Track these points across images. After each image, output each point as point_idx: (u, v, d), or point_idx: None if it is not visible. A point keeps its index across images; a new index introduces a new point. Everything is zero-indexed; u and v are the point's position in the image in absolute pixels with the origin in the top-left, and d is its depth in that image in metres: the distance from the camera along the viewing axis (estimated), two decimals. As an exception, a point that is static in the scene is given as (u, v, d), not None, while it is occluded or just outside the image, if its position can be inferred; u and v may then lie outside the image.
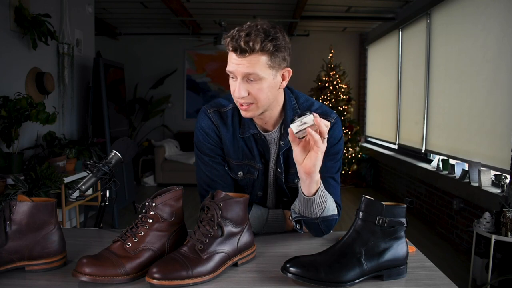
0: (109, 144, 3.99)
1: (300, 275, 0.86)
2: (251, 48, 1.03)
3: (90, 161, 1.26)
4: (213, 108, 1.24)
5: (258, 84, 1.07)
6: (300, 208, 1.11)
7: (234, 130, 1.23)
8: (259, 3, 5.21)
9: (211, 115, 1.24)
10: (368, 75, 6.73)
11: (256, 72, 1.05)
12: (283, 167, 1.22)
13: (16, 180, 2.60)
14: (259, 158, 1.24)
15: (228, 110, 1.23)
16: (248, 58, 1.04)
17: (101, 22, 5.91)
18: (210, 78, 7.04)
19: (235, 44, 1.03)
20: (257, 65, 1.04)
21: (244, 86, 1.08)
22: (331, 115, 1.21)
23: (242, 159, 1.24)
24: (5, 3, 2.91)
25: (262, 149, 1.24)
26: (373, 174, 6.00)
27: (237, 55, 1.05)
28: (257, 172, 1.25)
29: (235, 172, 1.26)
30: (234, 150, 1.24)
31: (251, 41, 1.02)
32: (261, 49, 1.03)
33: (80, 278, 0.84)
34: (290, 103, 1.21)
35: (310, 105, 1.24)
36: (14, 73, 3.10)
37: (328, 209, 1.11)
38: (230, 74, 1.10)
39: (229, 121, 1.23)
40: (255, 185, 1.27)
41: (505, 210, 2.35)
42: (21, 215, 0.92)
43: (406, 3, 4.98)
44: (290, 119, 1.18)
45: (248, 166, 1.25)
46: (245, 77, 1.07)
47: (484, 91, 3.26)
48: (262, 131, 1.23)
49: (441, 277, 0.94)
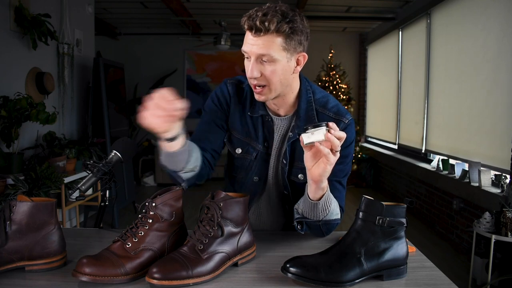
0: (109, 144, 3.99)
1: (300, 275, 0.86)
2: (266, 28, 1.01)
3: (90, 161, 1.26)
4: (232, 80, 1.26)
5: (272, 66, 1.06)
6: (304, 209, 1.10)
7: (244, 106, 1.23)
8: (259, 3, 5.19)
9: (228, 85, 1.25)
10: (368, 75, 6.73)
11: (270, 53, 1.03)
12: (288, 159, 1.20)
13: (16, 180, 2.60)
14: (262, 140, 1.22)
15: (245, 86, 1.24)
16: (263, 38, 1.03)
17: (101, 22, 5.91)
18: (210, 78, 7.04)
19: (251, 23, 1.02)
20: (271, 46, 1.03)
21: (257, 66, 1.06)
22: (345, 116, 1.18)
23: (245, 135, 1.23)
24: (5, 3, 2.91)
25: (267, 132, 1.22)
26: (373, 174, 6.00)
27: (253, 34, 1.03)
28: (256, 153, 1.23)
29: (234, 146, 1.25)
30: (241, 124, 1.23)
31: (267, 21, 1.01)
32: (276, 30, 1.02)
33: (80, 278, 0.84)
34: (306, 95, 1.19)
35: (326, 102, 1.20)
36: (14, 73, 3.10)
37: (331, 213, 1.09)
38: (245, 54, 1.08)
39: (243, 96, 1.23)
40: (252, 167, 1.24)
41: (505, 210, 2.35)
42: (21, 215, 0.92)
43: (406, 3, 4.98)
44: (303, 111, 1.18)
45: (248, 146, 1.23)
46: (259, 58, 1.05)
47: (484, 91, 3.26)
48: (272, 114, 1.22)
49: (441, 277, 0.94)
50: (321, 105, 1.19)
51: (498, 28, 3.10)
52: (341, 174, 1.18)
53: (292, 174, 1.22)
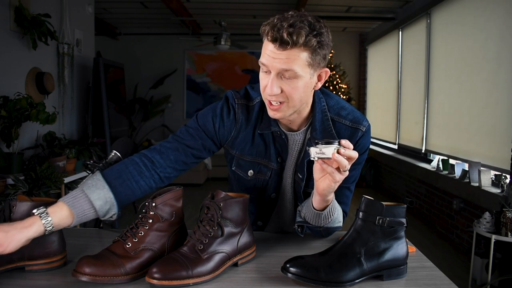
0: (109, 144, 3.99)
1: (300, 275, 0.86)
2: (294, 41, 0.91)
3: (90, 161, 1.26)
4: (241, 100, 1.13)
5: (294, 83, 0.96)
6: (307, 215, 1.06)
7: (254, 126, 1.13)
8: (259, 3, 5.21)
9: (237, 106, 1.12)
10: (368, 75, 6.73)
11: (294, 69, 0.94)
12: (305, 174, 1.12)
13: (16, 180, 2.60)
14: (275, 157, 1.14)
15: (256, 104, 1.12)
16: (287, 52, 0.93)
17: (101, 22, 5.91)
18: (210, 78, 7.04)
19: (276, 34, 0.92)
20: (296, 61, 0.93)
21: (278, 82, 0.96)
22: (362, 123, 1.10)
23: (255, 156, 1.15)
24: (5, 3, 2.91)
25: (280, 148, 1.14)
26: (373, 174, 6.00)
27: (276, 47, 0.93)
28: (270, 172, 1.16)
29: (245, 170, 1.17)
30: (249, 146, 1.14)
31: (295, 34, 0.91)
32: (304, 44, 0.92)
33: (80, 278, 0.84)
34: (319, 104, 1.10)
35: (340, 108, 1.12)
36: (14, 73, 3.10)
37: (334, 221, 1.07)
38: (263, 67, 0.98)
39: (254, 115, 1.12)
40: (268, 186, 1.18)
41: (505, 210, 2.35)
42: (21, 215, 0.92)
43: (406, 3, 4.98)
44: (319, 122, 1.09)
45: (260, 165, 1.15)
46: (280, 73, 0.96)
47: (484, 91, 3.26)
48: (285, 130, 1.13)
49: (441, 277, 0.94)
50: (335, 113, 1.11)
51: (498, 28, 3.10)
52: (351, 180, 1.14)
53: (310, 186, 1.15)
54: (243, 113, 1.12)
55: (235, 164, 1.18)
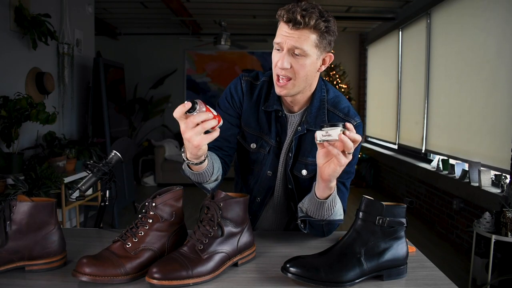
0: (109, 144, 3.99)
1: (300, 275, 0.86)
2: (306, 22, 1.04)
3: (90, 161, 1.26)
4: (247, 77, 1.28)
5: (302, 60, 1.08)
6: (309, 208, 1.09)
7: (258, 102, 1.25)
8: (259, 3, 5.21)
9: (243, 81, 1.27)
10: (368, 75, 6.73)
11: (303, 47, 1.06)
12: (294, 152, 1.22)
13: (16, 180, 2.60)
14: (275, 135, 1.24)
15: (260, 83, 1.26)
16: (299, 31, 1.05)
17: (101, 22, 5.91)
18: (210, 78, 7.04)
19: (291, 16, 1.04)
20: (306, 40, 1.06)
21: (288, 58, 1.08)
22: (354, 118, 1.20)
23: (258, 130, 1.25)
24: (5, 3, 2.91)
25: (280, 127, 1.24)
26: (373, 174, 6.00)
27: (290, 27, 1.05)
28: (269, 147, 1.25)
29: (249, 142, 1.27)
30: (253, 120, 1.25)
31: (307, 16, 1.04)
32: (314, 26, 1.05)
33: (80, 278, 0.84)
34: (320, 93, 1.22)
35: (338, 102, 1.22)
36: (14, 73, 3.10)
37: (336, 213, 1.10)
38: (276, 46, 1.10)
39: (256, 92, 1.25)
40: (266, 162, 1.26)
41: (505, 210, 2.35)
42: (21, 215, 0.92)
43: (406, 3, 4.98)
44: (315, 108, 1.20)
45: (262, 140, 1.25)
46: (291, 50, 1.07)
47: (484, 91, 3.26)
48: (286, 111, 1.23)
49: (441, 277, 0.94)
50: (332, 105, 1.22)
51: (498, 28, 3.10)
52: (345, 176, 1.19)
53: (296, 168, 1.23)
54: (246, 87, 1.26)
55: (240, 135, 1.28)
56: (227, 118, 1.24)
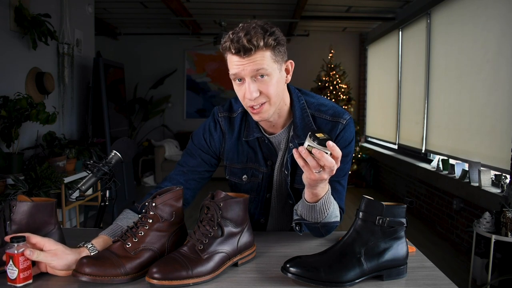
0: (109, 144, 3.99)
1: (300, 275, 0.86)
2: (255, 45, 1.00)
3: (90, 161, 1.26)
4: (224, 113, 1.24)
5: (267, 80, 1.05)
6: (302, 212, 1.09)
7: (240, 134, 1.23)
8: (259, 3, 5.21)
9: (221, 119, 1.24)
10: (368, 75, 6.73)
11: (264, 67, 1.03)
12: (290, 169, 1.19)
13: (16, 180, 2.60)
14: (263, 161, 1.22)
15: (237, 115, 1.23)
16: (253, 56, 1.02)
17: (101, 22, 5.91)
18: (210, 78, 7.04)
19: (238, 46, 1.01)
20: (263, 60, 1.03)
21: (255, 85, 1.05)
22: (343, 116, 1.17)
23: (246, 162, 1.24)
24: (5, 3, 2.91)
25: (267, 152, 1.22)
26: (373, 174, 6.00)
27: (241, 56, 1.02)
28: (261, 175, 1.24)
29: (239, 176, 1.25)
30: (238, 154, 1.23)
31: (253, 39, 1.00)
32: (264, 45, 1.02)
33: (80, 278, 0.84)
34: (298, 103, 1.18)
35: (320, 105, 1.19)
36: (14, 73, 3.10)
37: (330, 216, 1.09)
38: (235, 78, 1.06)
39: (236, 125, 1.22)
40: (261, 188, 1.26)
41: (505, 210, 2.35)
42: (21, 215, 0.92)
43: (406, 3, 4.98)
44: (299, 119, 1.16)
45: (252, 170, 1.24)
46: (254, 76, 1.04)
47: (484, 91, 3.26)
48: (268, 135, 1.21)
49: (441, 277, 0.94)
50: (316, 109, 1.19)
51: (498, 28, 3.10)
52: (341, 174, 1.17)
53: (296, 182, 1.22)
54: (226, 125, 1.23)
55: (228, 173, 1.28)
56: (200, 155, 1.24)
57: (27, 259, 0.84)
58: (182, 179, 1.22)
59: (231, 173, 1.26)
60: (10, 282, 0.84)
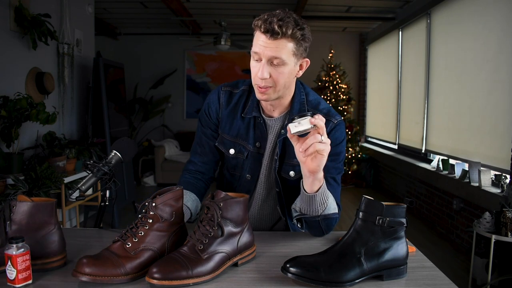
0: (109, 144, 3.99)
1: (300, 275, 0.86)
2: (283, 32, 1.06)
3: (90, 161, 1.26)
4: (227, 87, 1.31)
5: (281, 68, 1.11)
6: (302, 206, 1.12)
7: (237, 109, 1.28)
8: (259, 3, 5.21)
9: (221, 93, 1.31)
10: (368, 75, 6.73)
11: (282, 56, 1.08)
12: (279, 154, 1.25)
13: (16, 180, 2.60)
14: (253, 140, 1.27)
15: (239, 91, 1.30)
16: (277, 41, 1.07)
17: (101, 22, 5.91)
18: (210, 78, 7.04)
19: (268, 26, 1.06)
20: (284, 50, 1.08)
21: (267, 68, 1.11)
22: (335, 117, 1.23)
23: (235, 137, 1.29)
24: (5, 3, 2.91)
25: (259, 133, 1.27)
26: (373, 174, 6.00)
27: (268, 37, 1.07)
28: (247, 152, 1.28)
29: (227, 148, 1.30)
30: (230, 127, 1.29)
31: (284, 26, 1.05)
32: (291, 35, 1.07)
33: (80, 278, 0.84)
34: (299, 96, 1.25)
35: (318, 103, 1.26)
36: (14, 73, 3.10)
37: (329, 207, 1.12)
38: (255, 56, 1.12)
39: (234, 100, 1.29)
40: (244, 166, 1.30)
41: (505, 210, 2.35)
42: (21, 215, 0.92)
43: (406, 3, 4.98)
44: (296, 111, 1.23)
45: (240, 146, 1.29)
46: (270, 60, 1.10)
47: (484, 91, 3.26)
48: (265, 116, 1.26)
49: (441, 277, 0.94)
50: (313, 107, 1.26)
51: (498, 28, 3.10)
52: (335, 172, 1.22)
53: (283, 171, 1.26)
54: (225, 96, 1.30)
55: (218, 141, 1.32)
56: (208, 133, 1.33)
57: (26, 260, 0.84)
58: (198, 160, 1.34)
59: (221, 142, 1.31)
60: (9, 283, 0.84)
